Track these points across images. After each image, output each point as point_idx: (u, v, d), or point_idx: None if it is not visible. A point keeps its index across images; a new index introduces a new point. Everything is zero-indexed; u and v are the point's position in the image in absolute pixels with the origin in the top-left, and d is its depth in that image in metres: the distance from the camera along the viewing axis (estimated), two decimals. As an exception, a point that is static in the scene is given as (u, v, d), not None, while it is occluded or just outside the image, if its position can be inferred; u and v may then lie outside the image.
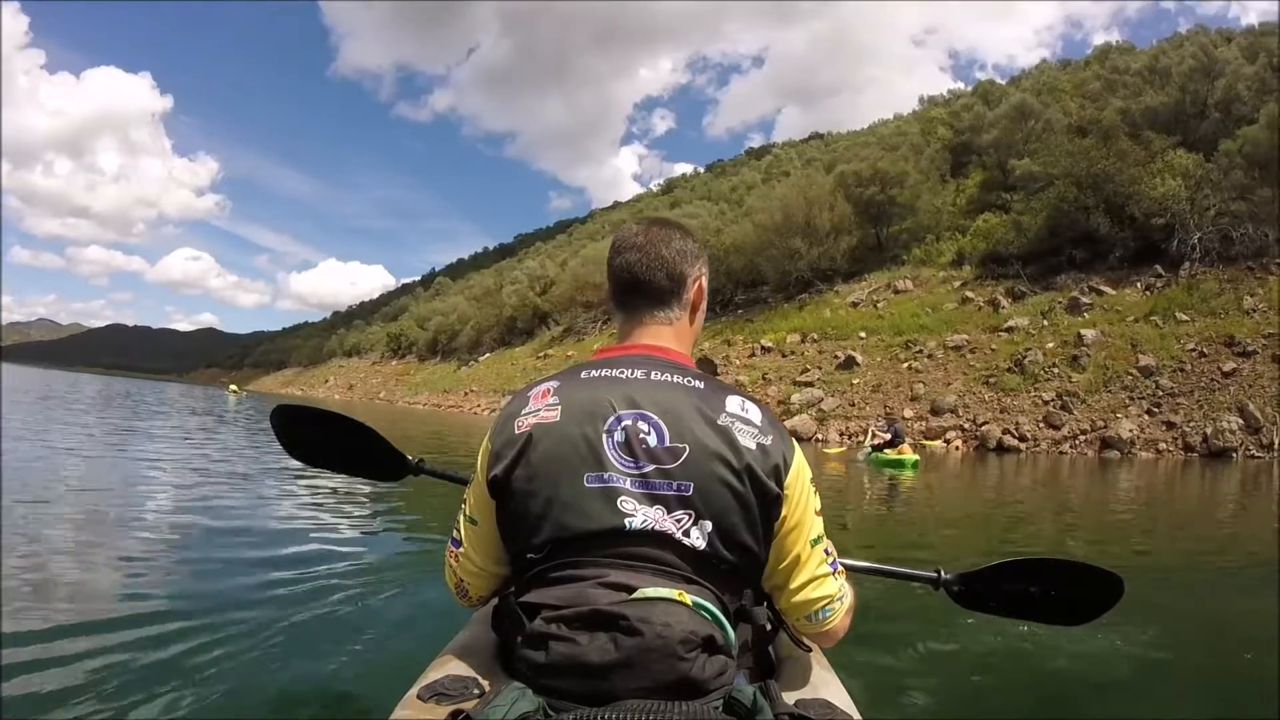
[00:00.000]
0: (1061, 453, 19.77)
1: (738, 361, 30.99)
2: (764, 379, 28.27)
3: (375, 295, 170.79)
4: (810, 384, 26.61)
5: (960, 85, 62.08)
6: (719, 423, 1.35)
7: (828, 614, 1.47)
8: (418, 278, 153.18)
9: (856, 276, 35.01)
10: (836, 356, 27.99)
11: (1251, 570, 6.19)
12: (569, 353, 46.20)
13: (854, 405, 24.70)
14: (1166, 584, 5.15)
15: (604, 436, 1.35)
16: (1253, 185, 24.50)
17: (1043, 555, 2.10)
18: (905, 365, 25.95)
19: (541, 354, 49.85)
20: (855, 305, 32.38)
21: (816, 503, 1.45)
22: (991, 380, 23.20)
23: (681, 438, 1.34)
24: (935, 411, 22.37)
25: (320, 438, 2.64)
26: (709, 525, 1.31)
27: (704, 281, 1.64)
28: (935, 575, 2.12)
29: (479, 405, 45.52)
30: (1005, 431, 20.71)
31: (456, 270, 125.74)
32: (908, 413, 22.48)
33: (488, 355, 60.79)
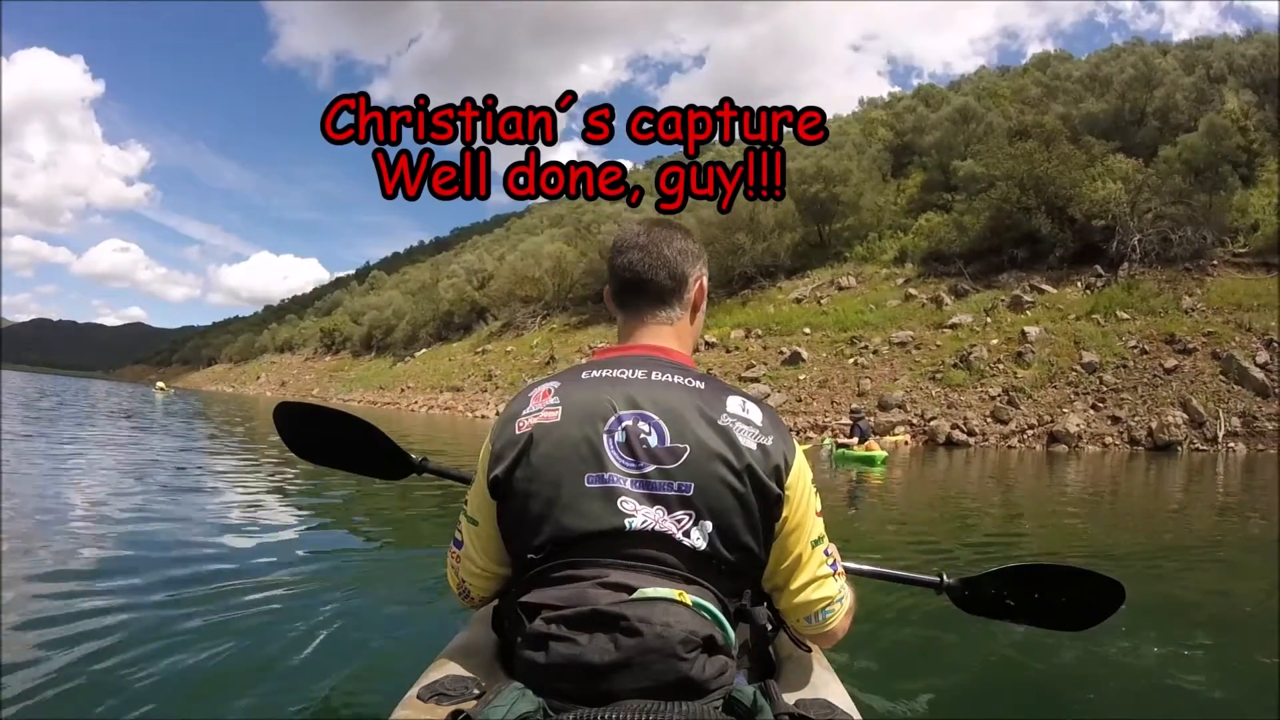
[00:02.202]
0: (1010, 447, 19.83)
1: (681, 356, 30.47)
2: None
3: (308, 289, 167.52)
4: (756, 379, 26.38)
5: (898, 90, 62.51)
6: (720, 423, 1.36)
7: (828, 615, 1.49)
8: (352, 271, 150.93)
9: (799, 273, 35.06)
10: (781, 352, 27.87)
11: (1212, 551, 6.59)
12: (508, 348, 45.51)
13: (801, 401, 24.52)
14: (1157, 571, 5.40)
15: (604, 437, 1.36)
16: (1191, 190, 25.21)
17: (1044, 561, 2.23)
18: (851, 361, 25.86)
19: (480, 349, 48.99)
20: (799, 301, 32.35)
21: (817, 504, 1.47)
22: (938, 376, 23.24)
23: (682, 438, 1.35)
24: (883, 407, 22.25)
25: (324, 435, 2.65)
26: (709, 525, 1.32)
27: (704, 281, 1.65)
28: (938, 580, 2.20)
29: (415, 402, 44.54)
30: (954, 426, 20.67)
31: (392, 264, 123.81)
32: (854, 407, 22.35)
33: (424, 351, 59.57)
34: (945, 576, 2.20)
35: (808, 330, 28.99)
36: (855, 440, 15.55)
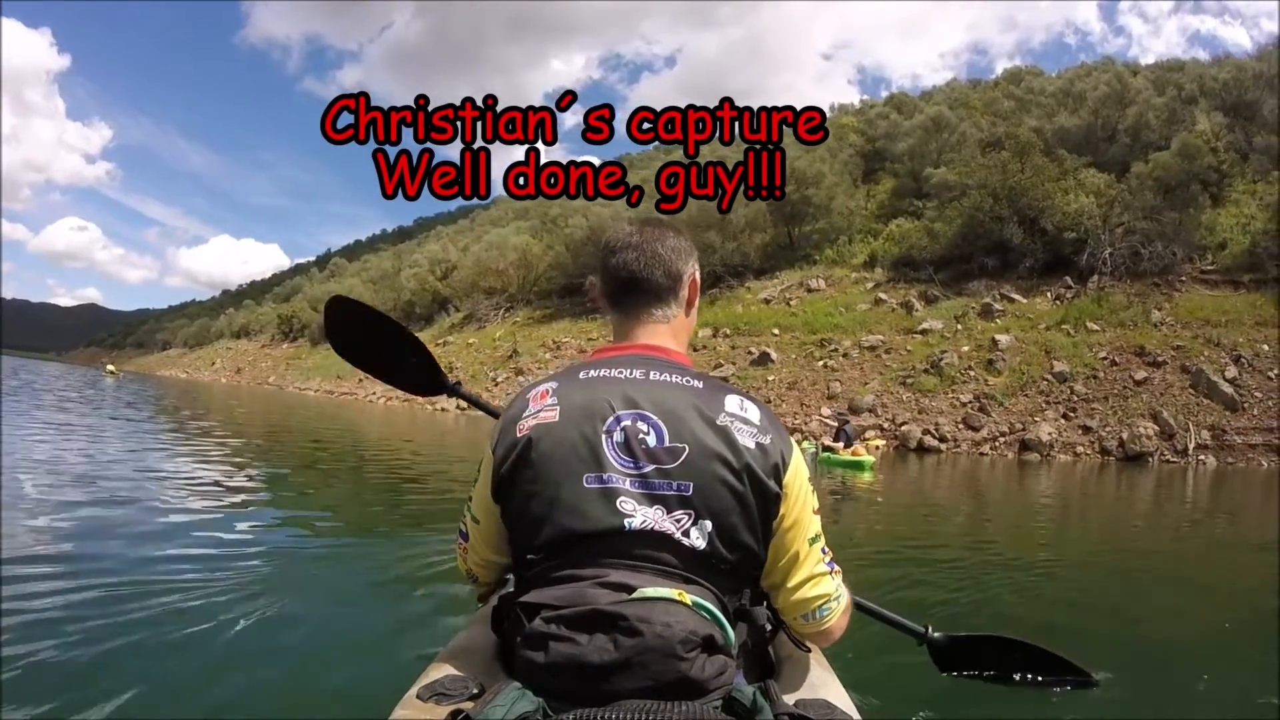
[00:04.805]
0: (982, 454, 19.72)
1: (649, 355, 30.20)
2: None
3: (268, 275, 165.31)
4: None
5: (868, 98, 62.90)
6: (718, 422, 1.36)
7: (825, 613, 1.49)
8: (313, 258, 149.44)
9: (768, 273, 34.92)
10: (750, 353, 27.63)
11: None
12: (470, 340, 44.88)
13: (770, 402, 24.17)
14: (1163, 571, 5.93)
15: (603, 437, 1.36)
16: (1162, 207, 25.49)
17: (1027, 640, 2.45)
18: (820, 363, 25.67)
19: (441, 341, 48.13)
20: (768, 302, 32.15)
21: (814, 502, 1.46)
22: (909, 381, 23.13)
23: (681, 437, 1.35)
24: (854, 410, 21.95)
25: (368, 337, 2.66)
26: (709, 525, 1.32)
27: (697, 276, 1.67)
28: (923, 631, 2.37)
29: (374, 393, 43.50)
30: (925, 432, 20.50)
31: (353, 252, 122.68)
32: (825, 411, 22.16)
33: (383, 341, 58.67)
34: (931, 629, 2.35)
35: (776, 331, 28.80)
36: (841, 445, 15.32)
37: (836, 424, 16.91)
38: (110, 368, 55.12)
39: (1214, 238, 25.57)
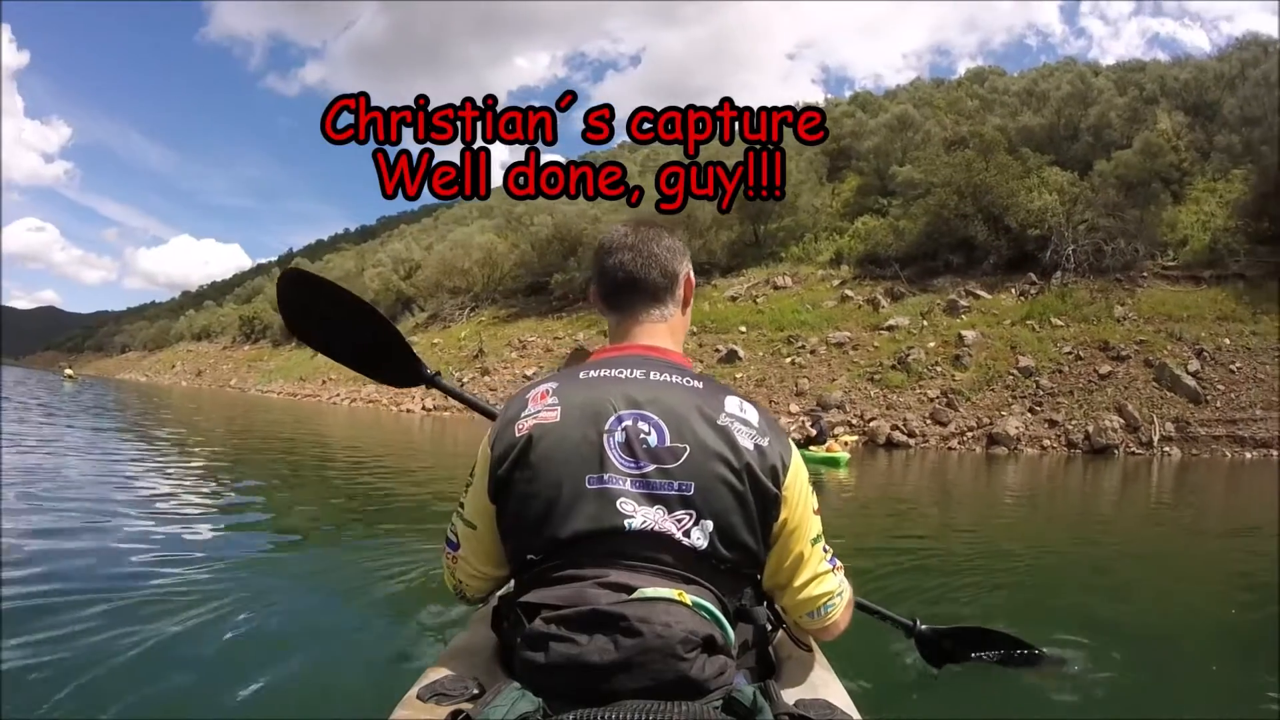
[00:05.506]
0: (950, 449, 19.85)
1: (617, 352, 30.05)
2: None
3: (229, 275, 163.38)
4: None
5: (831, 97, 63.36)
6: (719, 423, 1.37)
7: (829, 609, 1.51)
8: (275, 258, 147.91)
9: (735, 271, 34.89)
10: (718, 350, 27.52)
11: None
12: (435, 340, 44.34)
13: (737, 399, 24.20)
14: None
15: (605, 437, 1.36)
16: (1124, 204, 25.82)
17: (1005, 630, 2.74)
18: (788, 360, 25.67)
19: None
20: (734, 300, 32.05)
21: (814, 502, 1.48)
22: (876, 377, 23.20)
23: (682, 437, 1.35)
24: (822, 407, 21.99)
25: (331, 318, 2.43)
26: (710, 525, 1.32)
27: (691, 275, 1.69)
28: (911, 625, 2.51)
29: (338, 394, 42.81)
30: (894, 427, 20.59)
31: (316, 251, 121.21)
32: (794, 408, 22.14)
33: (347, 341, 57.96)
34: (918, 623, 2.47)
35: (744, 329, 28.73)
36: (814, 434, 15.21)
37: (810, 420, 16.82)
38: (69, 371, 54.27)
39: (1175, 235, 25.98)
